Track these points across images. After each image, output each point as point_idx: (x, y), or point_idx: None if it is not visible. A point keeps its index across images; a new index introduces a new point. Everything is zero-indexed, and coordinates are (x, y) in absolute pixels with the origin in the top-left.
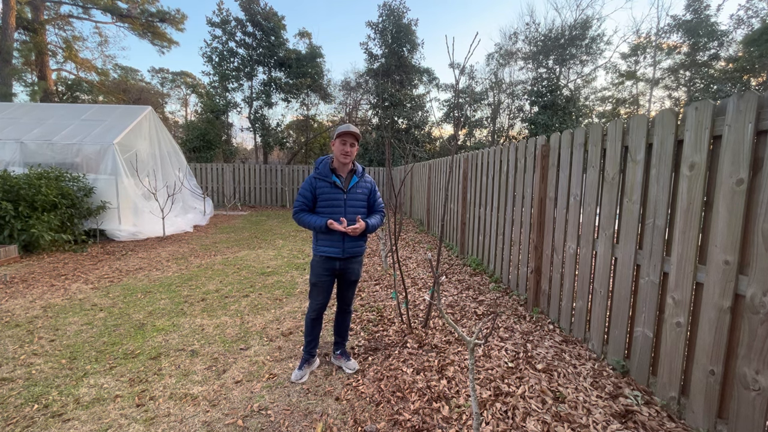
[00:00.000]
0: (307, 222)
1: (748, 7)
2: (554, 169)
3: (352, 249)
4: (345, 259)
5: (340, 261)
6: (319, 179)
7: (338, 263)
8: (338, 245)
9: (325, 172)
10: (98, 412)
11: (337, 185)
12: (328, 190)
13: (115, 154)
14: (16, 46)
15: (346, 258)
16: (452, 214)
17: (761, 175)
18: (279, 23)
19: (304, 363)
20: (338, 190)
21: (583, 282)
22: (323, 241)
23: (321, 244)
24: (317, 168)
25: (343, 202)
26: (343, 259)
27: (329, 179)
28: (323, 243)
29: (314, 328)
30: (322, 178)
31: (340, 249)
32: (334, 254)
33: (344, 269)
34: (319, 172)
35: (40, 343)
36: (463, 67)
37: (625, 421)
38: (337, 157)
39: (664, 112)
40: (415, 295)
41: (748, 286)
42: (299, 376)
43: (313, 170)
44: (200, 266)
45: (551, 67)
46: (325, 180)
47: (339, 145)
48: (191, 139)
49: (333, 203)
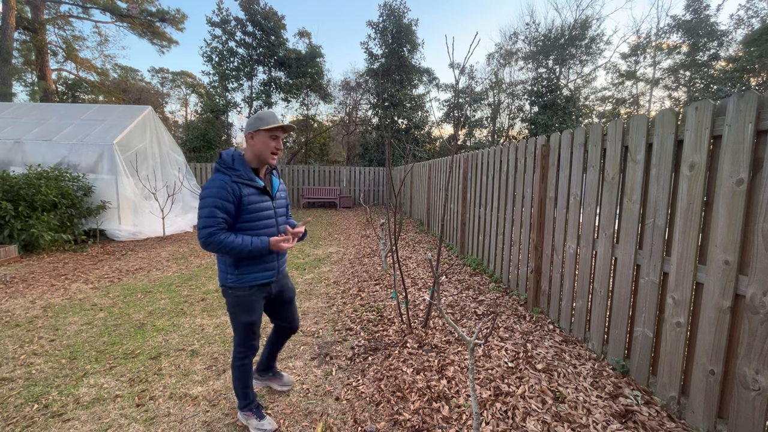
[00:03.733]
0: (235, 245)
1: (748, 7)
2: (554, 168)
3: (284, 266)
4: (277, 280)
5: (274, 284)
6: (242, 183)
7: (273, 287)
8: (273, 266)
9: (247, 174)
10: (98, 412)
11: (265, 190)
12: (256, 198)
13: (115, 154)
14: (16, 45)
15: (278, 278)
16: (452, 214)
17: (761, 175)
18: (279, 23)
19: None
20: (266, 197)
21: (583, 282)
22: (251, 267)
23: (247, 272)
24: (232, 167)
25: (273, 212)
26: (276, 281)
27: (255, 182)
28: (251, 269)
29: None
30: (245, 182)
31: (275, 270)
32: (268, 279)
33: (281, 290)
34: (240, 173)
35: (40, 343)
36: (463, 67)
37: (625, 421)
38: (262, 156)
39: (664, 112)
40: (415, 295)
41: (748, 286)
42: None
43: (222, 171)
44: (200, 266)
45: (551, 67)
46: (249, 184)
47: (268, 141)
48: (191, 139)
49: (263, 215)
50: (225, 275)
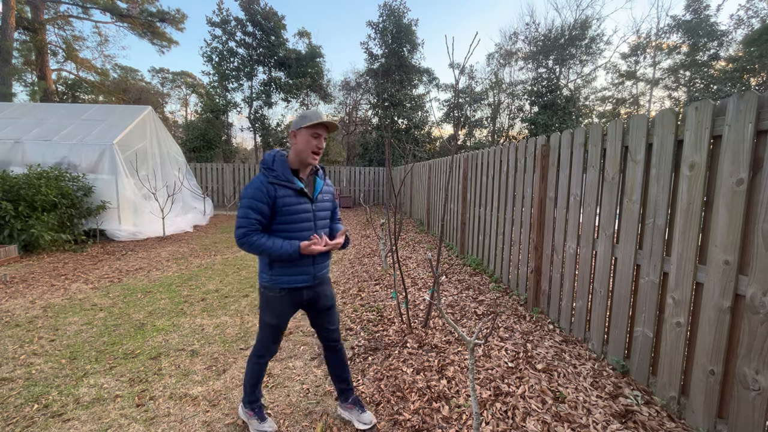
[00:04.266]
0: (267, 247)
1: (748, 7)
2: (554, 168)
3: (322, 272)
4: (314, 285)
5: (308, 290)
6: (279, 185)
7: (307, 292)
8: (308, 270)
9: (285, 175)
10: (98, 412)
11: (304, 192)
12: (293, 200)
13: (115, 154)
14: (16, 45)
15: (316, 284)
16: (452, 214)
17: (761, 175)
18: (279, 23)
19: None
20: (305, 199)
21: (583, 282)
22: (284, 269)
23: (280, 273)
24: (271, 168)
25: (312, 215)
26: (312, 287)
27: (293, 184)
28: (285, 272)
29: (263, 370)
30: (281, 183)
31: (311, 275)
32: (302, 283)
33: (314, 298)
34: (277, 174)
35: (40, 343)
36: (463, 67)
37: (625, 421)
38: (302, 156)
39: (664, 112)
40: (415, 295)
41: (748, 286)
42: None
43: (262, 171)
44: (200, 266)
45: (551, 67)
46: (286, 186)
47: (309, 139)
48: (191, 139)
49: (300, 217)
50: (261, 274)
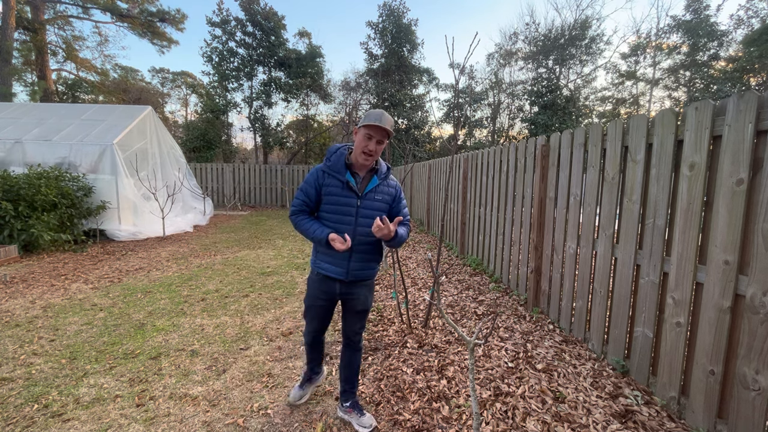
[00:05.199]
0: (304, 228)
1: (748, 7)
2: (554, 169)
3: (360, 271)
4: (349, 282)
5: (342, 284)
6: (329, 174)
7: (339, 286)
8: (342, 264)
9: (337, 166)
10: (98, 412)
11: (350, 186)
12: (337, 191)
13: (115, 154)
14: (16, 45)
15: (350, 282)
16: (452, 214)
17: (761, 175)
18: (279, 23)
19: (305, 381)
20: (351, 193)
21: (583, 282)
22: (323, 256)
23: (320, 259)
24: (328, 158)
25: (354, 210)
26: (347, 283)
27: (341, 176)
28: (323, 258)
29: (313, 351)
30: (332, 173)
31: (344, 269)
32: (335, 275)
33: (347, 295)
34: (330, 164)
35: (40, 343)
36: (462, 67)
37: (625, 421)
38: (356, 153)
39: (664, 112)
40: (415, 295)
41: (748, 286)
42: (298, 397)
43: (324, 160)
44: (200, 266)
45: (551, 67)
46: (335, 176)
47: (362, 139)
48: (191, 139)
49: (342, 209)
50: (311, 257)
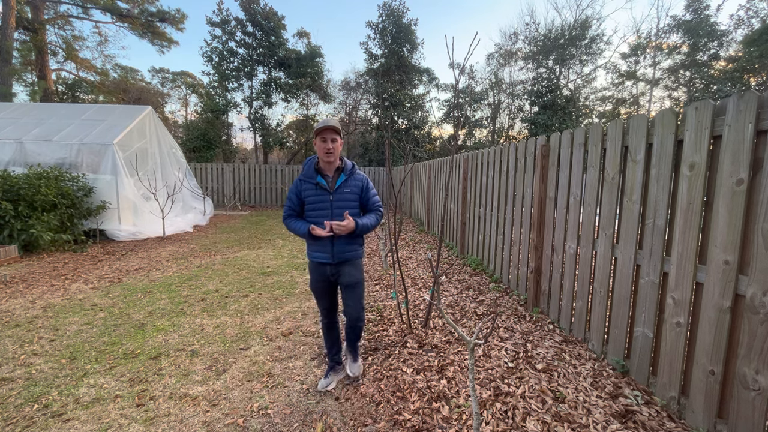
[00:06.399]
0: (293, 228)
1: (748, 7)
2: (554, 169)
3: (343, 254)
4: (336, 264)
5: (331, 266)
6: (304, 181)
7: (329, 268)
8: (327, 250)
9: (309, 173)
10: (98, 412)
11: (321, 186)
12: (312, 192)
13: (115, 154)
14: (16, 45)
15: (337, 263)
16: (452, 214)
17: (761, 175)
18: (279, 23)
19: (329, 371)
20: (323, 192)
21: (583, 282)
22: (312, 246)
23: (311, 249)
24: (303, 169)
25: (329, 204)
26: (334, 264)
27: (313, 180)
28: (312, 248)
29: (329, 333)
30: (306, 179)
31: (329, 254)
32: (323, 259)
33: (337, 275)
34: (305, 173)
35: (40, 343)
36: (462, 67)
37: (625, 421)
38: (320, 156)
39: (664, 112)
40: (415, 295)
41: (748, 286)
42: (326, 384)
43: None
44: (200, 266)
45: (551, 67)
46: (309, 181)
47: (320, 144)
48: (191, 139)
49: (318, 206)
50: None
